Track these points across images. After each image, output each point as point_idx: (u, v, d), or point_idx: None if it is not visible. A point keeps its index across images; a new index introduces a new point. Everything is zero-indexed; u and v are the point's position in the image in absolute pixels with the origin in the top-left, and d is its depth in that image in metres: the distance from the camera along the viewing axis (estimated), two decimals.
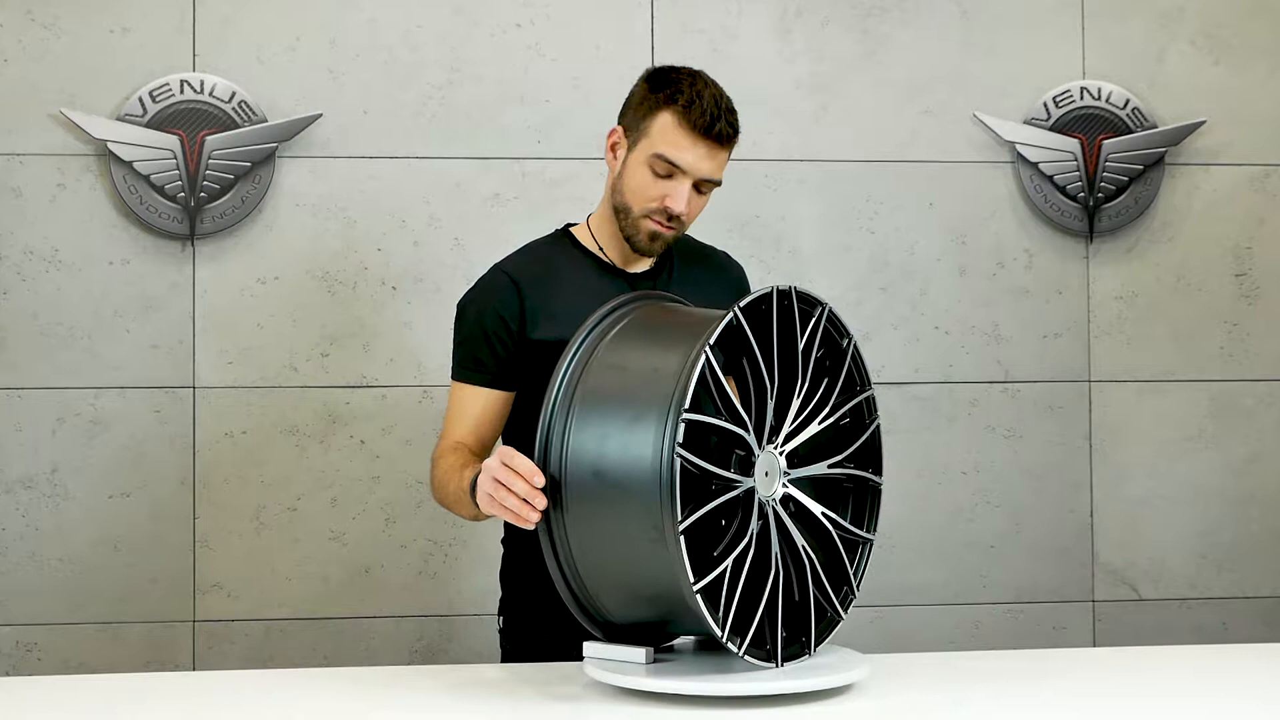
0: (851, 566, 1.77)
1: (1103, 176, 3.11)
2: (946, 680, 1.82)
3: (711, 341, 1.54)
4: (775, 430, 1.66)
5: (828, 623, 1.74)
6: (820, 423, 1.67)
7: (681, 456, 1.51)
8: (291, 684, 1.85)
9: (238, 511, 2.93)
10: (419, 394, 2.97)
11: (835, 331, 1.75)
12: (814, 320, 1.68)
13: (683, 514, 1.52)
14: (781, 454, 1.64)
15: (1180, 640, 3.09)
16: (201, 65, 2.93)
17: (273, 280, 2.94)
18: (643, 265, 2.12)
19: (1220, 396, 3.15)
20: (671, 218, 2.00)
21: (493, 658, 2.90)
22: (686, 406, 1.52)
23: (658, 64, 2.96)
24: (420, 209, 2.98)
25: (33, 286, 2.88)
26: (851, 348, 1.77)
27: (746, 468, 1.61)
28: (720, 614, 1.57)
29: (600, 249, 2.11)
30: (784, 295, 1.66)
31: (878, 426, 1.81)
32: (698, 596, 1.53)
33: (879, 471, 1.82)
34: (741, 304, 1.59)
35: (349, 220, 2.96)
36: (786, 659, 1.67)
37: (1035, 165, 3.10)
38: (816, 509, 1.67)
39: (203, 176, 2.90)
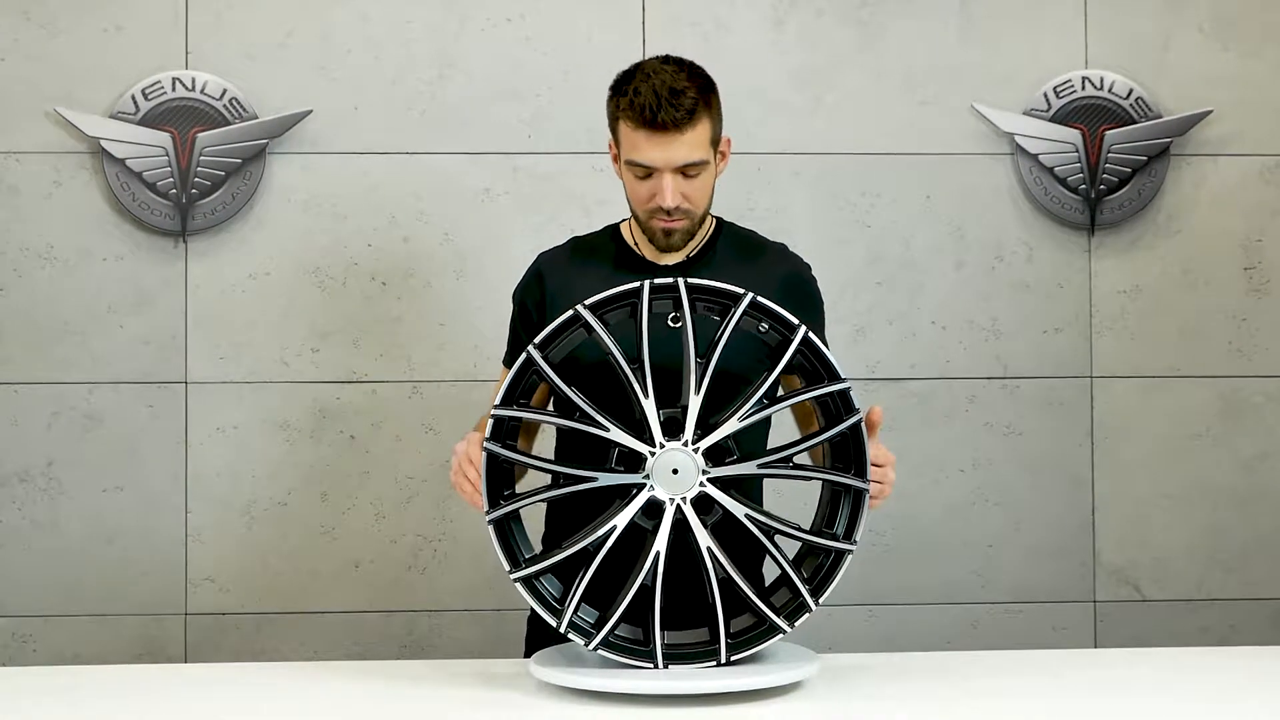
0: (799, 573, 1.66)
1: (1105, 168, 3.04)
2: (901, 681, 1.78)
3: (538, 341, 1.59)
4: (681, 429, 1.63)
5: (763, 631, 1.67)
6: (741, 420, 1.62)
7: (489, 449, 1.62)
8: (281, 677, 1.88)
9: (229, 505, 2.95)
10: (409, 389, 2.97)
11: (781, 325, 1.69)
12: (731, 314, 1.63)
13: (501, 504, 1.63)
14: (697, 451, 1.61)
15: (1186, 642, 3.02)
16: (194, 63, 2.95)
17: (263, 276, 2.96)
18: (677, 258, 2.11)
19: (1228, 393, 3.07)
20: (669, 211, 2.00)
21: (481, 651, 2.93)
22: (497, 402, 1.61)
23: (648, 58, 2.99)
24: (410, 204, 2.98)
25: (28, 282, 2.92)
26: (799, 340, 1.67)
27: (635, 464, 1.60)
28: (570, 604, 1.60)
29: (635, 243, 2.13)
30: (694, 288, 1.63)
31: (857, 424, 1.66)
32: (518, 585, 1.61)
33: (862, 474, 1.67)
34: (589, 301, 1.59)
35: (339, 216, 2.97)
36: (687, 660, 1.63)
37: (1035, 157, 3.04)
38: (739, 511, 1.63)
39: (194, 173, 2.92)
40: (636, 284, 1.61)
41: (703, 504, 1.61)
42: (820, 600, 1.67)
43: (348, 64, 2.98)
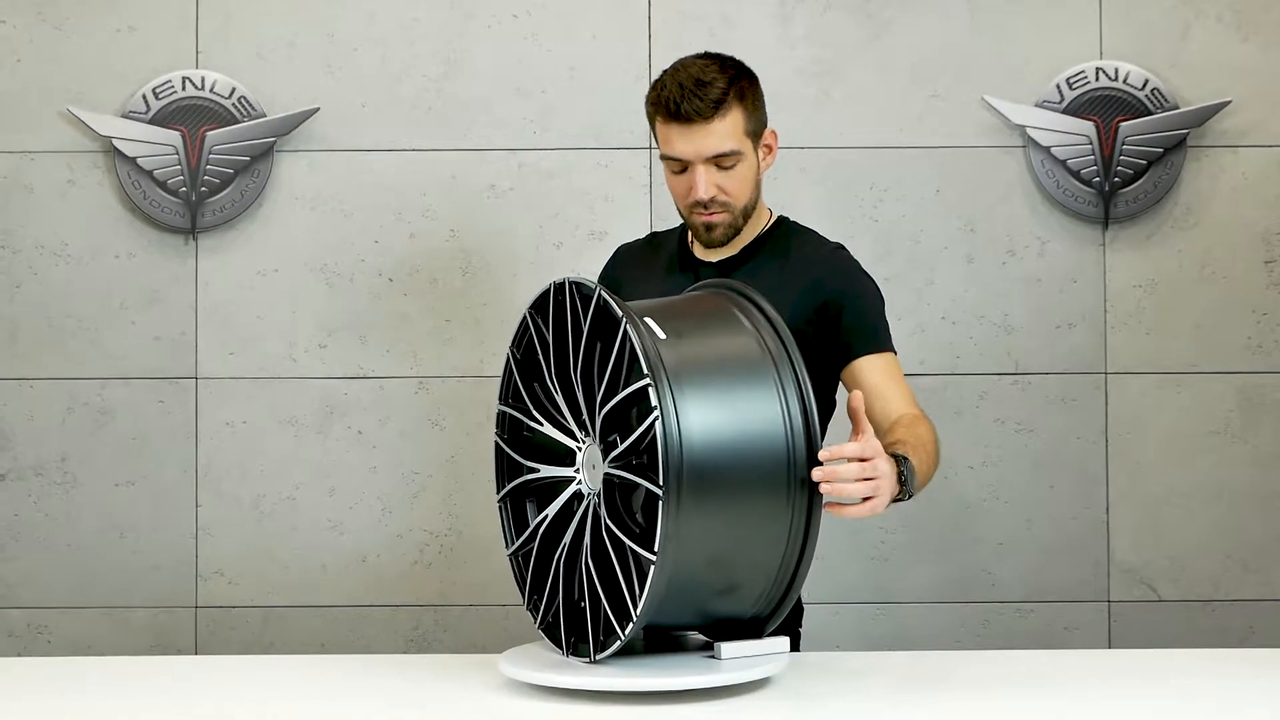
0: (634, 584, 1.56)
1: (1119, 160, 2.99)
2: (876, 681, 1.76)
3: (509, 343, 1.68)
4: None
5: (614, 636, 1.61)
6: (600, 414, 1.60)
7: (497, 441, 1.73)
8: (289, 670, 1.91)
9: (238, 500, 2.98)
10: (415, 385, 2.99)
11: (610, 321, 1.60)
12: (590, 308, 1.61)
13: (506, 489, 1.75)
14: (600, 447, 1.61)
15: (1202, 644, 2.96)
16: (204, 62, 2.98)
17: (272, 273, 2.99)
18: (723, 254, 2.12)
19: (1247, 389, 3.01)
20: (706, 204, 2.02)
21: (487, 646, 2.94)
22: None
23: (655, 53, 2.99)
24: (416, 201, 3.00)
25: (42, 279, 2.98)
26: (621, 334, 1.56)
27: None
28: (526, 583, 1.70)
29: (690, 241, 2.18)
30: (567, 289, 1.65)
31: (651, 424, 1.52)
32: (508, 560, 1.75)
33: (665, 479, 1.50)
34: (532, 303, 1.63)
35: (346, 213, 2.99)
36: (585, 653, 1.65)
37: (1047, 149, 2.99)
38: (603, 514, 1.60)
39: (203, 171, 2.95)
40: (550, 283, 1.66)
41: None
42: (637, 611, 1.55)
43: (354, 62, 3.00)
